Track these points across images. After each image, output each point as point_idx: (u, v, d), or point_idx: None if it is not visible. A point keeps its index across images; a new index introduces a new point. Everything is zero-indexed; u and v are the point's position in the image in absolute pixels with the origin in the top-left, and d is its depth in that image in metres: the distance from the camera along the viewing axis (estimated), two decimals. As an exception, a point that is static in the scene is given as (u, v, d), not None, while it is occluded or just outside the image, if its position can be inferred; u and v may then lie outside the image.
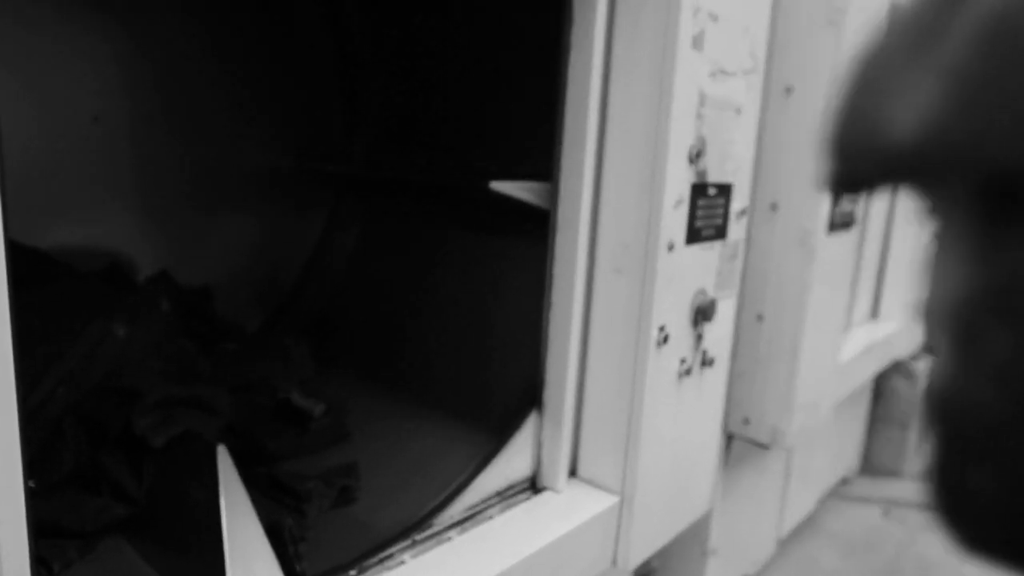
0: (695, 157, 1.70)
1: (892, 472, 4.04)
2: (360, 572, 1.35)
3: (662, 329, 1.62)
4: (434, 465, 1.73)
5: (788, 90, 2.32)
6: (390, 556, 1.40)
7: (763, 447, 2.34)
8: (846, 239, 2.48)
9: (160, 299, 2.14)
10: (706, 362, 1.80)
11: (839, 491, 3.80)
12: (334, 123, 2.76)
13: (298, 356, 2.41)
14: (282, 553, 1.41)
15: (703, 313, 1.73)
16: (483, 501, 1.61)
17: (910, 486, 3.95)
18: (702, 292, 1.74)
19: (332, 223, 2.85)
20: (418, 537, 1.46)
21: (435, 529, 1.50)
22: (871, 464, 4.08)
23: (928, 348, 0.29)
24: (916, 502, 3.76)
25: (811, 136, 2.30)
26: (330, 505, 1.79)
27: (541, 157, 1.72)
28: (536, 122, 1.78)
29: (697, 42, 1.67)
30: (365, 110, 2.77)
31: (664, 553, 2.41)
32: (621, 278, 1.64)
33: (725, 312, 1.86)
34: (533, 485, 1.70)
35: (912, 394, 3.98)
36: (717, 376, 1.88)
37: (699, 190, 1.72)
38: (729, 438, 2.44)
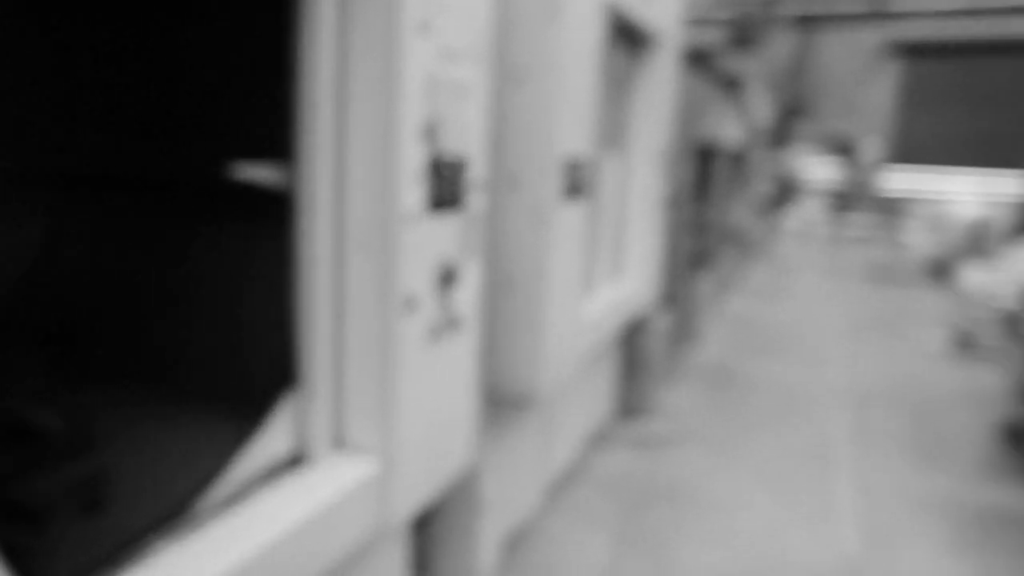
0: (429, 133, 1.81)
1: (641, 413, 4.54)
2: (113, 568, 1.31)
3: (409, 296, 1.72)
4: (192, 455, 1.69)
5: (521, 74, 2.51)
6: (144, 549, 1.36)
7: (520, 403, 2.54)
8: (580, 207, 2.75)
9: None
10: (454, 325, 1.93)
11: (598, 435, 4.20)
12: (48, 120, 2.52)
13: (27, 368, 2.21)
14: (24, 572, 1.33)
15: (447, 279, 1.86)
16: (244, 483, 1.61)
17: (655, 424, 4.47)
18: (445, 259, 1.87)
19: (56, 224, 2.61)
20: (175, 527, 1.44)
21: (193, 517, 1.48)
22: (625, 407, 4.54)
23: None
24: (660, 439, 4.27)
25: (544, 116, 2.52)
26: (77, 516, 1.69)
27: (282, 140, 1.73)
28: (275, 105, 1.79)
29: (424, 26, 1.77)
30: (85, 104, 2.56)
31: (440, 512, 2.55)
32: (367, 250, 1.71)
33: (470, 277, 2.00)
34: (297, 460, 1.73)
35: (650, 344, 4.49)
36: (467, 338, 2.02)
37: (436, 164, 1.83)
38: (493, 396, 2.61)
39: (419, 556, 2.45)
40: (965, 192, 13.64)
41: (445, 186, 1.86)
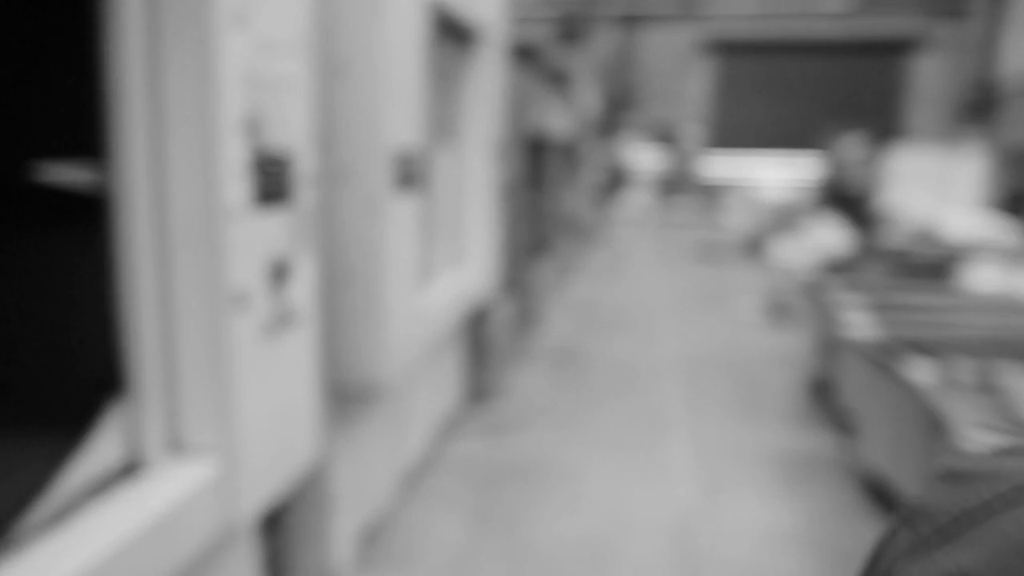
0: (252, 127, 1.79)
1: (490, 397, 4.67)
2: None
3: (239, 292, 1.70)
4: (7, 476, 1.58)
5: (347, 67, 2.52)
6: (-43, 577, 1.27)
7: (364, 395, 2.56)
8: (414, 198, 2.80)
9: None
10: (290, 319, 1.93)
11: (450, 422, 4.28)
12: None
13: None
14: None
15: (280, 273, 1.85)
16: (71, 498, 1.53)
17: (504, 407, 4.61)
18: (276, 253, 1.86)
19: None
20: (-7, 551, 1.35)
21: (12, 539, 1.39)
22: (475, 393, 4.65)
23: None
24: (510, 420, 4.42)
25: (371, 109, 2.54)
26: None
27: (92, 138, 1.65)
28: (82, 102, 1.70)
29: (240, 18, 1.75)
30: None
31: (291, 509, 2.51)
32: (192, 247, 1.67)
33: (304, 271, 2.00)
34: (131, 468, 1.66)
35: (494, 330, 4.63)
36: (305, 332, 2.02)
37: (260, 158, 1.81)
38: (338, 389, 2.61)
39: (272, 556, 2.41)
40: (774, 176, 15.00)
41: (271, 180, 1.85)
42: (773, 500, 3.49)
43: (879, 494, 3.42)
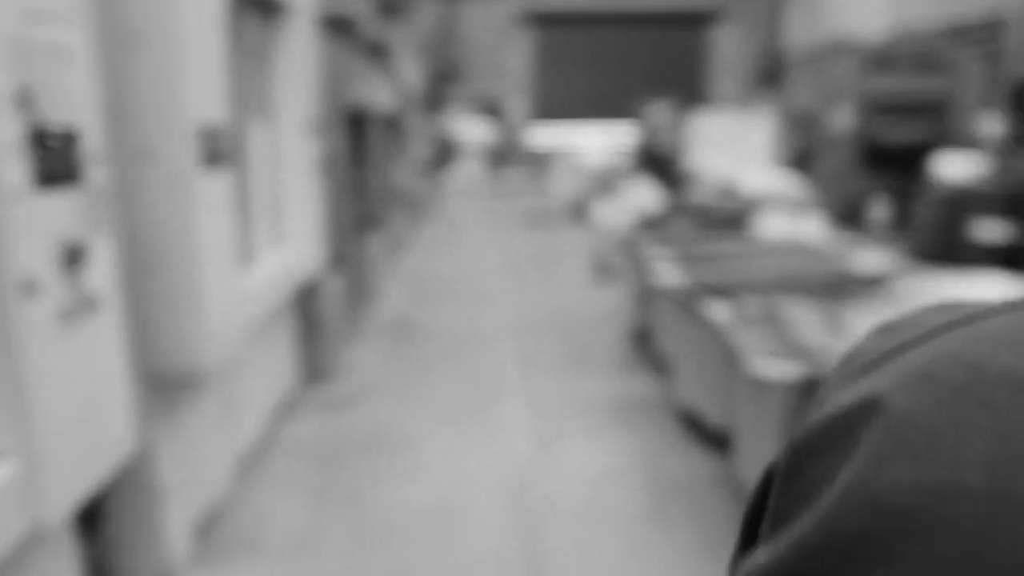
0: (24, 101, 1.66)
1: (326, 375, 4.61)
2: None
3: (26, 279, 1.59)
4: None
5: (140, 39, 2.37)
6: None
7: (186, 381, 2.47)
8: (224, 176, 2.70)
9: None
10: (91, 306, 1.82)
11: (286, 403, 4.19)
12: None
13: None
14: None
15: (74, 258, 1.74)
16: None
17: (341, 384, 4.58)
18: (68, 237, 1.74)
19: None
20: None
21: None
22: (310, 372, 4.58)
23: None
24: (347, 396, 4.40)
25: (169, 83, 2.41)
26: None
27: None
28: None
29: (1, -17, 1.61)
30: None
31: (115, 506, 2.39)
32: (-36, 236, 1.53)
33: (102, 255, 1.89)
34: (-89, 482, 1.52)
35: (325, 307, 4.57)
36: (109, 319, 1.91)
37: (38, 135, 1.69)
38: (157, 376, 2.49)
39: (97, 556, 2.28)
40: (594, 143, 15.69)
41: (55, 158, 1.73)
42: (602, 444, 3.75)
43: (693, 424, 3.78)
